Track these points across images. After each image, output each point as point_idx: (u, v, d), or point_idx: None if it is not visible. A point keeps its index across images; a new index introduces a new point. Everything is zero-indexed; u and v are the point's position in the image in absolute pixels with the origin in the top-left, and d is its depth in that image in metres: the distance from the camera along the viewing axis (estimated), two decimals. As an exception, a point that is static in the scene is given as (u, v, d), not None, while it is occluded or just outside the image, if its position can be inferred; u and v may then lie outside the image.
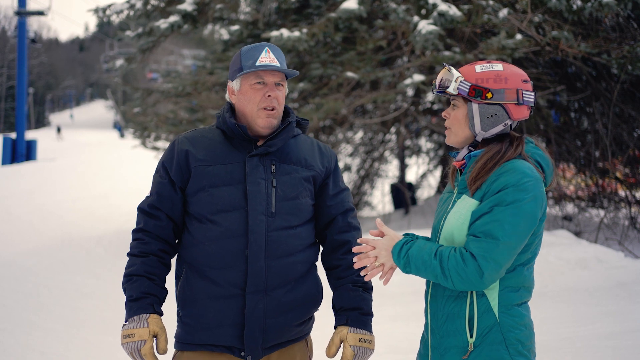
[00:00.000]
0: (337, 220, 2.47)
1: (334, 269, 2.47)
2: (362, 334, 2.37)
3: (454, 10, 7.20)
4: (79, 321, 6.12)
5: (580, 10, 7.01)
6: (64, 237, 10.40)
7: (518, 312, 2.06)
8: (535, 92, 2.14)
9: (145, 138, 13.30)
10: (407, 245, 2.07)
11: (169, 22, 8.89)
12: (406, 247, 2.07)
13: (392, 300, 6.46)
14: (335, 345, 2.37)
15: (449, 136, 2.18)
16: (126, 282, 2.36)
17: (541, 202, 2.01)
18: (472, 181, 2.06)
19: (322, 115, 8.25)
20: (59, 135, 34.52)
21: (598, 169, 9.34)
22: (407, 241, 2.09)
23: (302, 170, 2.42)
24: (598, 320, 5.39)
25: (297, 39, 7.62)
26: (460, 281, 1.98)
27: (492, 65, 2.10)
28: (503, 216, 1.96)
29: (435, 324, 2.13)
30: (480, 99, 2.07)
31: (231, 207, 2.32)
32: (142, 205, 2.43)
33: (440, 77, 2.15)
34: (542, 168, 2.11)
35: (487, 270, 1.95)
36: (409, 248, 2.06)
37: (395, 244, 2.09)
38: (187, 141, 2.42)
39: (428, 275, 2.04)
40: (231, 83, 2.44)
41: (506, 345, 2.02)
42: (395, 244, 2.09)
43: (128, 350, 2.27)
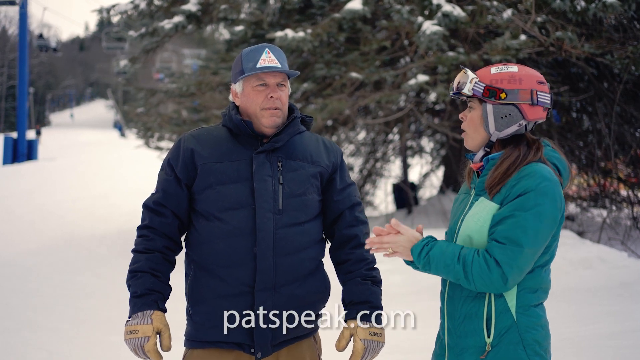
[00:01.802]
0: (344, 215, 2.47)
1: (343, 264, 2.47)
2: (372, 328, 2.37)
3: (458, 11, 7.21)
4: (81, 320, 6.13)
5: (585, 10, 7.02)
6: (64, 237, 10.40)
7: (535, 312, 2.08)
8: (552, 93, 2.16)
9: (148, 138, 13.31)
10: (428, 246, 2.09)
11: (173, 22, 8.89)
12: (427, 248, 2.09)
13: (394, 301, 6.45)
14: (345, 339, 2.37)
15: (467, 140, 2.20)
16: (130, 278, 2.35)
17: (561, 205, 2.03)
18: (494, 185, 2.07)
19: (325, 116, 8.26)
20: (38, 137, 33.85)
21: (600, 169, 9.35)
22: (428, 242, 2.10)
23: (309, 167, 2.42)
24: (600, 320, 5.40)
25: (301, 40, 7.64)
26: (483, 285, 2.01)
27: (507, 67, 2.12)
28: (526, 222, 1.98)
29: (452, 324, 2.14)
30: (495, 99, 2.08)
31: (238, 205, 2.33)
32: (148, 202, 2.43)
33: (457, 79, 2.17)
34: (559, 171, 2.13)
35: (511, 276, 1.99)
36: (430, 249, 2.08)
37: (415, 244, 2.11)
38: (193, 139, 2.42)
39: (448, 277, 2.07)
40: (234, 86, 2.45)
41: (523, 345, 2.04)
42: (415, 244, 2.11)
43: (131, 346, 2.27)
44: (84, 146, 37.92)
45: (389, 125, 11.30)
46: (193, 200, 2.40)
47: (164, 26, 8.88)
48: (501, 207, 2.05)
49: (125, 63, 10.37)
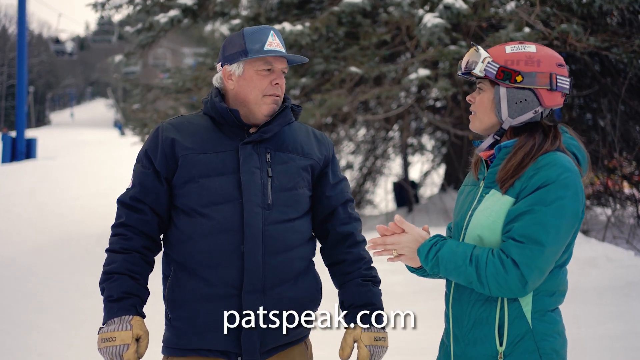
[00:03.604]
0: (338, 212, 2.30)
1: (339, 264, 2.30)
2: (376, 332, 2.20)
3: (460, 3, 7.07)
4: (79, 321, 6.01)
5: (590, 3, 6.86)
6: (63, 235, 10.31)
7: (552, 318, 1.90)
8: (572, 77, 1.96)
9: (144, 135, 13.18)
10: (437, 246, 1.90)
11: (168, 16, 8.75)
12: (435, 248, 1.89)
13: (396, 301, 6.33)
14: (349, 347, 2.20)
15: (473, 122, 1.99)
16: (105, 280, 2.17)
17: (582, 198, 1.83)
18: (507, 178, 1.87)
19: (324, 111, 8.12)
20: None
21: (605, 167, 9.22)
22: (437, 241, 1.91)
23: (300, 159, 2.25)
24: (608, 321, 5.29)
25: (299, 33, 7.50)
26: (498, 289, 1.81)
27: (524, 46, 1.91)
28: (546, 218, 1.78)
29: (459, 330, 1.95)
30: (509, 82, 1.88)
31: (224, 199, 2.15)
32: (123, 197, 2.25)
33: (466, 58, 1.95)
34: (578, 160, 1.93)
35: (531, 279, 1.79)
36: (439, 249, 1.89)
37: (422, 244, 1.93)
38: (172, 128, 2.23)
39: (459, 280, 1.87)
40: (230, 67, 2.24)
41: (540, 355, 1.85)
42: (422, 244, 1.93)
43: (108, 355, 2.08)
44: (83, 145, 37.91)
45: (389, 122, 11.18)
46: (173, 195, 2.22)
47: (159, 20, 8.74)
48: (517, 202, 1.84)
49: (120, 58, 10.24)
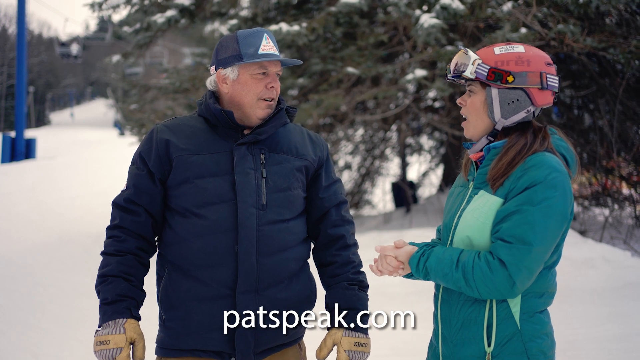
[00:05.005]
0: (330, 214, 2.31)
1: (328, 266, 2.31)
2: (357, 338, 2.21)
3: (456, 4, 7.07)
4: (75, 321, 6.00)
5: (587, 3, 6.85)
6: (62, 234, 10.30)
7: (540, 319, 1.90)
8: (560, 76, 1.98)
9: (142, 135, 13.16)
10: (424, 256, 1.92)
11: (165, 16, 8.75)
12: (423, 258, 1.92)
13: (396, 301, 6.33)
14: (327, 348, 2.21)
15: (467, 128, 2.00)
16: (100, 283, 2.18)
17: (570, 199, 1.85)
18: (498, 177, 1.88)
19: (322, 112, 8.11)
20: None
21: (602, 167, 9.22)
22: (424, 251, 1.94)
23: (294, 160, 2.26)
24: (606, 322, 5.28)
25: (296, 34, 7.49)
26: (487, 291, 1.82)
27: (512, 47, 1.93)
28: (534, 218, 1.80)
29: (447, 331, 1.96)
30: (500, 83, 1.90)
31: (218, 200, 2.16)
32: (118, 199, 2.27)
33: (455, 60, 1.97)
34: (567, 162, 1.95)
35: (519, 279, 1.80)
36: (426, 259, 1.91)
37: (412, 256, 1.96)
38: (167, 129, 2.24)
39: (450, 286, 1.89)
40: (224, 70, 2.24)
41: (527, 356, 1.86)
42: (412, 256, 1.96)
43: (102, 358, 2.10)
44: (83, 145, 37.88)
45: (387, 122, 11.17)
46: (167, 196, 2.23)
47: (157, 20, 8.74)
48: (505, 202, 1.86)
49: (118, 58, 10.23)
